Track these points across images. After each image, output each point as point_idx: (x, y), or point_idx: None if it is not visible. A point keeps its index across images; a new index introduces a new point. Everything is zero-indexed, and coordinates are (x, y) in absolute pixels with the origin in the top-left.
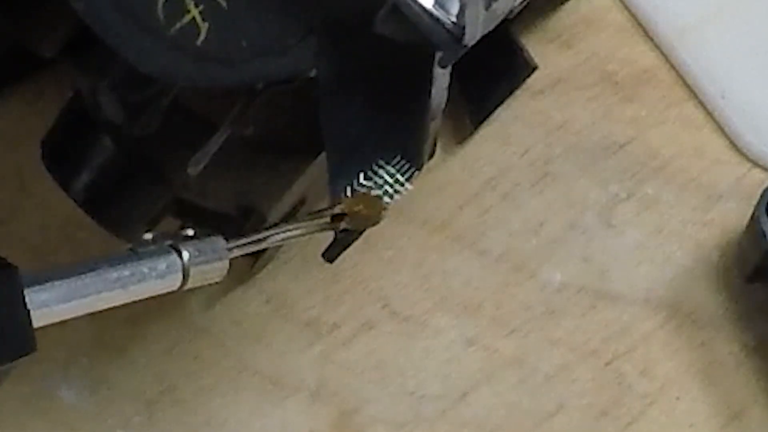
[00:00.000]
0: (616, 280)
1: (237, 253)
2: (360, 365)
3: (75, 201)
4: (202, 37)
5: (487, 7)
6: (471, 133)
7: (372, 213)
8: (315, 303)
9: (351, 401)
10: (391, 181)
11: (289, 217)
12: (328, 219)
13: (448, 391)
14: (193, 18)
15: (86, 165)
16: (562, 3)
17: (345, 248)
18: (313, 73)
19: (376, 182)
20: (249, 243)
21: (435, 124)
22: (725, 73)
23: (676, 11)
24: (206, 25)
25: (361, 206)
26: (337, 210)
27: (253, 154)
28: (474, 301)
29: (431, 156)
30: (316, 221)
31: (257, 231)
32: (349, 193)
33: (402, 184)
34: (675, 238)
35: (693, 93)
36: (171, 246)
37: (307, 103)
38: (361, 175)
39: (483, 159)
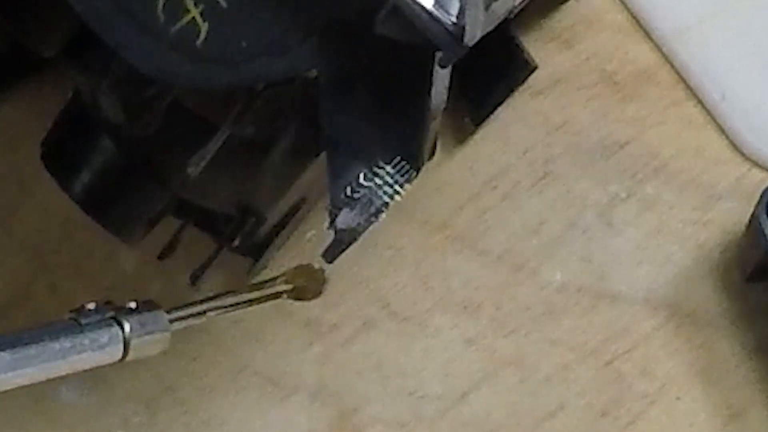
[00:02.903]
0: (616, 280)
1: (179, 326)
2: (360, 365)
3: (75, 201)
4: (202, 37)
5: (487, 7)
6: (471, 133)
7: (312, 286)
8: (315, 303)
9: (351, 401)
10: (390, 181)
11: (289, 217)
12: (269, 291)
13: (448, 391)
14: (193, 18)
15: (86, 165)
16: (562, 3)
17: (345, 249)
18: (313, 74)
19: (375, 182)
20: (190, 315)
21: (435, 124)
22: (725, 73)
23: (676, 11)
24: (206, 25)
25: (302, 279)
26: (279, 283)
27: (253, 154)
28: (474, 301)
29: (431, 156)
30: (257, 293)
31: (198, 303)
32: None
33: (402, 185)
34: (675, 238)
35: (693, 93)
36: (113, 318)
37: (307, 104)
38: (361, 175)
39: (483, 159)
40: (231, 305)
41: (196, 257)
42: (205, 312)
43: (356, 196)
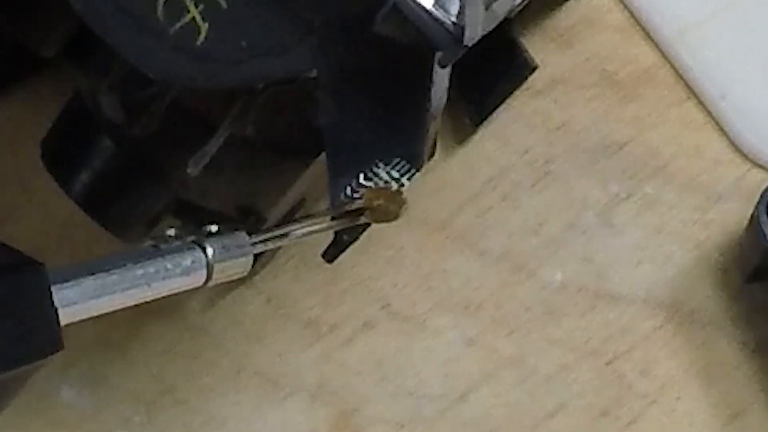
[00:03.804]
0: (616, 280)
1: (261, 248)
2: (360, 365)
3: (75, 201)
4: (202, 37)
5: (487, 7)
6: (471, 133)
7: (392, 207)
8: (315, 303)
9: (351, 401)
10: (390, 181)
11: (289, 217)
12: (349, 213)
13: (448, 391)
14: (193, 18)
15: (86, 165)
16: (562, 3)
17: (345, 249)
18: (313, 74)
19: (375, 183)
20: (273, 238)
21: (435, 124)
22: (725, 73)
23: (676, 11)
24: (206, 25)
25: (381, 200)
26: (357, 204)
27: (253, 154)
28: (474, 301)
29: (431, 156)
30: (337, 216)
31: (279, 226)
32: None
33: (402, 185)
34: (675, 238)
35: (693, 93)
36: (195, 242)
37: (307, 103)
38: (361, 176)
39: (483, 159)
40: (309, 225)
41: None
42: (286, 234)
43: (356, 196)
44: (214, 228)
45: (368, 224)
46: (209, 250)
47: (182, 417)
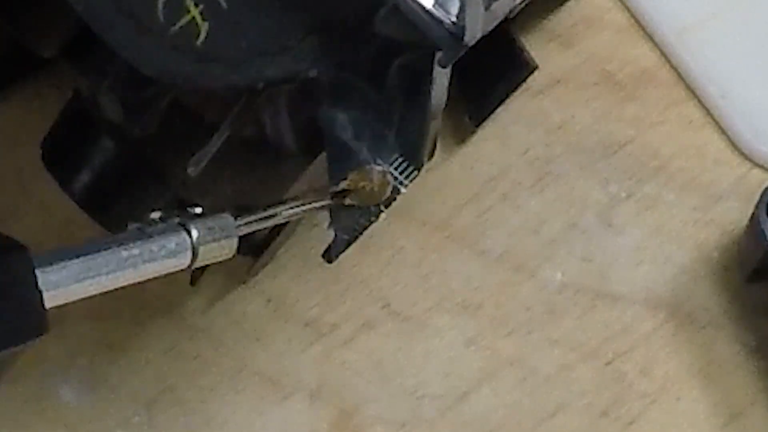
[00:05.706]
0: (616, 280)
1: (246, 230)
2: (360, 365)
3: (75, 201)
4: (202, 37)
5: (487, 7)
6: (471, 133)
7: (378, 189)
8: (315, 303)
9: (351, 401)
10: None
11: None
12: (333, 194)
13: (448, 391)
14: (193, 18)
15: (86, 165)
16: (562, 3)
17: (345, 249)
18: (313, 73)
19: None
20: (258, 219)
21: (435, 124)
22: (725, 73)
23: (676, 11)
24: (206, 25)
25: (366, 182)
26: (342, 186)
27: (253, 154)
28: (474, 301)
29: (431, 156)
30: (321, 196)
31: (264, 208)
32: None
33: (402, 184)
34: (675, 238)
35: (693, 93)
36: (180, 224)
37: (307, 103)
38: None
39: (483, 159)
40: (295, 206)
41: None
42: (271, 216)
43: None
44: (198, 210)
45: (368, 223)
46: (194, 233)
47: (182, 417)
